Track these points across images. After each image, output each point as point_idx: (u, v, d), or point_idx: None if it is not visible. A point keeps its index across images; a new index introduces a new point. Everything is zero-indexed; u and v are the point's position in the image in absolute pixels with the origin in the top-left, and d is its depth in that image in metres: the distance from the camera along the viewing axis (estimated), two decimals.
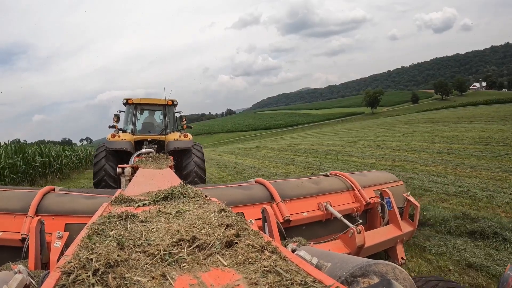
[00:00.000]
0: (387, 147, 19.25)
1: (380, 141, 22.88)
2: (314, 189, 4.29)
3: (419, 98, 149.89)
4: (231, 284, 1.19)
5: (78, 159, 23.53)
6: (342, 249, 3.42)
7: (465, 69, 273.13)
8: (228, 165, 20.00)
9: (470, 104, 69.75)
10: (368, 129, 38.42)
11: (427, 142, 19.32)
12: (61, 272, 1.21)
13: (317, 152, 21.03)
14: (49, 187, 3.56)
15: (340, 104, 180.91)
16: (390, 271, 1.53)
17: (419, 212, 4.50)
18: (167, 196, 2.65)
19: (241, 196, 3.83)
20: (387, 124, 44.02)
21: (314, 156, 19.31)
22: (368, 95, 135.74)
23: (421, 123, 35.92)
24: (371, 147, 20.13)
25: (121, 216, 1.94)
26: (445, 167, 11.76)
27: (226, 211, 2.12)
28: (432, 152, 15.21)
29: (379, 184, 4.83)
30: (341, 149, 21.09)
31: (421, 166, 12.42)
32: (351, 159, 16.47)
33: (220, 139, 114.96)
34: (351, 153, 18.41)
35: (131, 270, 1.26)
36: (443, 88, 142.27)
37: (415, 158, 14.22)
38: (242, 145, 45.76)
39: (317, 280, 1.18)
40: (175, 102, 9.60)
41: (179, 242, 1.55)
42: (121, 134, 8.58)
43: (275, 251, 1.47)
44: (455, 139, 18.90)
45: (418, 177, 10.35)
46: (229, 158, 24.93)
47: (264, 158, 21.16)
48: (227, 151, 33.22)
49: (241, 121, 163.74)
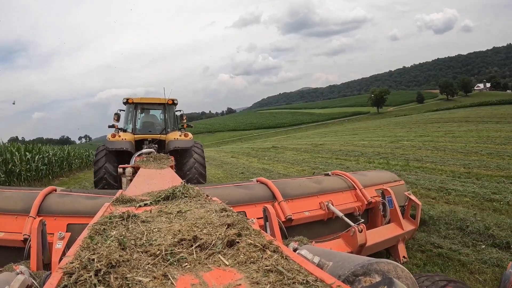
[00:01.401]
0: (453, 150, 15.19)
1: (429, 142, 19.04)
2: (316, 188, 4.30)
3: (424, 98, 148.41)
4: (233, 284, 1.19)
5: (44, 163, 18.14)
6: (343, 248, 3.43)
7: (467, 70, 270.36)
8: (259, 173, 14.26)
9: (482, 104, 67.33)
10: (389, 129, 34.67)
11: (487, 143, 16.10)
12: (63, 272, 1.22)
13: (361, 155, 17.11)
14: (51, 187, 3.57)
15: (343, 104, 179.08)
16: (392, 269, 1.53)
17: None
18: (168, 196, 2.65)
19: (243, 196, 3.84)
20: (405, 123, 40.77)
21: (365, 160, 15.18)
22: (374, 94, 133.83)
23: (442, 122, 33.19)
24: (429, 149, 16.30)
25: (123, 216, 1.94)
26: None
27: (228, 211, 2.12)
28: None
29: (380, 183, 4.84)
30: (388, 151, 17.27)
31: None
32: (427, 166, 12.23)
33: (222, 138, 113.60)
34: (418, 158, 14.03)
35: (133, 270, 1.26)
36: (449, 88, 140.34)
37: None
38: (252, 145, 41.69)
39: (319, 279, 1.18)
40: (175, 101, 9.60)
41: (180, 242, 1.55)
42: (121, 134, 8.57)
43: (276, 250, 1.47)
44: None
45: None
46: (250, 162, 20.02)
47: (300, 163, 16.78)
48: (239, 151, 29.34)
49: (243, 119, 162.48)
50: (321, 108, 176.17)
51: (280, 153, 22.56)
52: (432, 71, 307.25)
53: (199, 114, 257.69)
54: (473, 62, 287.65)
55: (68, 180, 18.89)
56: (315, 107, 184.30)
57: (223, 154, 28.71)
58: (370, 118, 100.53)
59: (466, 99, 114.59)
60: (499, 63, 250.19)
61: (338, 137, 34.10)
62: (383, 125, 44.39)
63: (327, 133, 46.09)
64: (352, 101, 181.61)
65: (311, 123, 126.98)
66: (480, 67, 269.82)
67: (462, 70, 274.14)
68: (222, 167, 19.01)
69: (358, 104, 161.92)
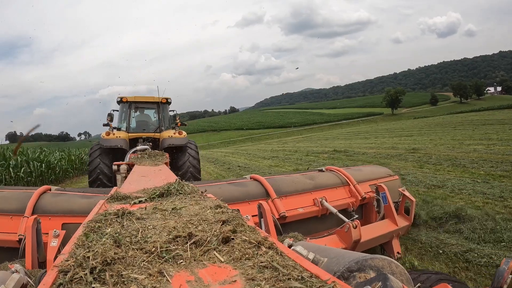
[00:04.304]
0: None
1: (492, 146, 14.58)
2: (309, 184, 4.31)
3: (438, 100, 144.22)
4: (228, 280, 1.19)
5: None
6: (338, 244, 3.45)
7: (473, 73, 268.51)
8: None
9: (503, 107, 61.86)
10: (435, 131, 27.69)
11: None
12: (58, 270, 1.21)
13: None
14: (45, 187, 3.55)
15: (351, 104, 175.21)
16: (386, 265, 1.54)
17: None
18: (163, 193, 2.65)
19: (237, 193, 3.84)
20: (445, 124, 34.56)
21: (453, 170, 10.71)
22: (389, 94, 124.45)
23: (488, 124, 27.37)
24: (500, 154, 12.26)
25: (117, 214, 1.93)
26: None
27: (222, 207, 2.13)
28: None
29: (374, 178, 4.86)
30: (452, 155, 13.46)
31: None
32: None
33: (228, 137, 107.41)
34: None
35: (128, 268, 1.26)
36: (462, 91, 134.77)
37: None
38: (271, 145, 36.53)
39: (314, 275, 1.19)
40: (169, 100, 9.59)
41: (175, 238, 1.55)
42: (116, 132, 8.55)
43: (271, 247, 1.47)
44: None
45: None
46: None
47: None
48: (260, 155, 23.95)
49: (249, 118, 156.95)
50: (330, 108, 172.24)
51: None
52: (438, 74, 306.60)
53: (201, 112, 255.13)
54: (480, 66, 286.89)
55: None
56: (322, 108, 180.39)
57: (243, 158, 22.92)
58: (385, 119, 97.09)
59: (480, 103, 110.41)
60: (505, 68, 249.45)
61: (386, 138, 26.51)
62: (410, 127, 37.70)
63: (345, 134, 41.45)
64: (360, 102, 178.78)
65: (324, 123, 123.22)
66: (487, 71, 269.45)
67: (468, 73, 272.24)
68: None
69: (368, 105, 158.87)
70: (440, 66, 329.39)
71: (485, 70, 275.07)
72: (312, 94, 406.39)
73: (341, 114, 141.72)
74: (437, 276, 2.36)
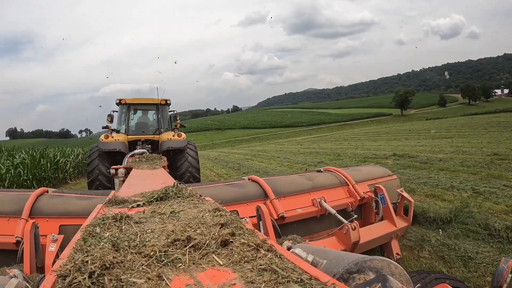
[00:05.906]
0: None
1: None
2: (308, 185, 4.31)
3: (446, 101, 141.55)
4: (228, 283, 1.19)
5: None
6: (337, 245, 3.45)
7: (478, 75, 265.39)
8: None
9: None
10: (461, 133, 24.92)
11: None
12: (56, 275, 1.21)
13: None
14: (42, 189, 3.54)
15: (357, 105, 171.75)
16: (386, 266, 1.54)
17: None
18: (161, 196, 2.64)
19: (235, 194, 3.84)
20: (458, 126, 32.29)
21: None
22: (399, 95, 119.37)
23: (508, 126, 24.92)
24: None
25: (116, 218, 1.93)
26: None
27: (221, 210, 2.13)
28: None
29: (373, 178, 4.86)
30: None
31: None
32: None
33: (234, 136, 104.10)
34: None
35: (127, 272, 1.26)
36: (471, 92, 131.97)
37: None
38: (288, 146, 32.30)
39: (313, 277, 1.19)
40: (168, 102, 9.59)
41: (174, 242, 1.55)
42: (115, 135, 8.54)
43: (270, 249, 1.47)
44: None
45: None
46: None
47: None
48: (295, 159, 18.19)
49: (254, 117, 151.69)
50: (335, 108, 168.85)
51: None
52: (442, 76, 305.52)
53: (204, 111, 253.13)
54: (484, 68, 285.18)
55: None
56: (327, 108, 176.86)
57: (278, 164, 17.42)
58: (395, 120, 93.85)
59: (488, 105, 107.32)
60: (510, 70, 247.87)
61: (435, 141, 20.93)
62: (428, 129, 33.88)
63: (360, 135, 38.07)
64: (365, 103, 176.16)
65: (332, 123, 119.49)
66: (491, 73, 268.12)
67: (473, 75, 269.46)
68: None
69: (375, 105, 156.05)
70: (445, 68, 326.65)
71: (489, 72, 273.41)
72: (315, 94, 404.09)
73: (348, 114, 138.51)
74: (437, 276, 2.36)
